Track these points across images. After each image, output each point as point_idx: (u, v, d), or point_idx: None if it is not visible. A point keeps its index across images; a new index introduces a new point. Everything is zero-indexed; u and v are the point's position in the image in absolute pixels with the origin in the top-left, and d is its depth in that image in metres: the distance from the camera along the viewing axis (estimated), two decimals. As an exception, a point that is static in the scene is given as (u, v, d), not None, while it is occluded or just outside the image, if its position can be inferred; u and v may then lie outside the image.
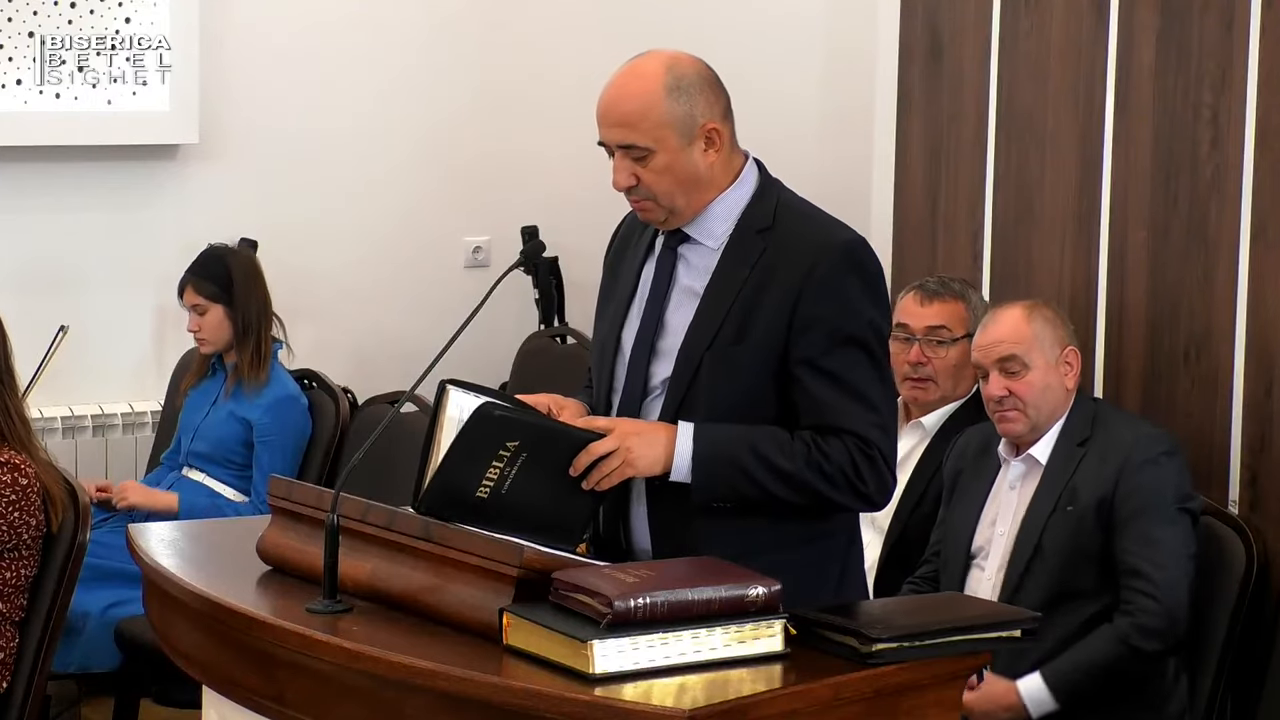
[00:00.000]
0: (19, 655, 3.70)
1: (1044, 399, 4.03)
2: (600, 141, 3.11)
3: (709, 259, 3.12)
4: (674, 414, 3.08)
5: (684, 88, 3.05)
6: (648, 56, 3.11)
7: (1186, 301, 4.32)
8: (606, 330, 3.24)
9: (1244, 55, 4.19)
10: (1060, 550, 3.92)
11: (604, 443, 2.99)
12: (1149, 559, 3.86)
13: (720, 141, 3.09)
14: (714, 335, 3.07)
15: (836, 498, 3.05)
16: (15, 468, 3.62)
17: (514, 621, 2.74)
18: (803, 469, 3.02)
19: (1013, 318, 4.08)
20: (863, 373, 3.05)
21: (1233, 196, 4.23)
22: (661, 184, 3.07)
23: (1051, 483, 3.99)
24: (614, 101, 3.08)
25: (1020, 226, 4.76)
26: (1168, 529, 3.88)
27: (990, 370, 4.05)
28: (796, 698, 2.66)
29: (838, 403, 3.04)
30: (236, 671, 2.99)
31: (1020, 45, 4.76)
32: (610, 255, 3.33)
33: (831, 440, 3.03)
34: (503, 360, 5.87)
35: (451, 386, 3.04)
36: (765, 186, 3.15)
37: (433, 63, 5.92)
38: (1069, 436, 4.02)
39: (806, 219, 3.13)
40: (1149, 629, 3.84)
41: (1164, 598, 3.84)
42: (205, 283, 5.23)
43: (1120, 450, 3.94)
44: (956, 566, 4.11)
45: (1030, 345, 4.04)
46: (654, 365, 3.14)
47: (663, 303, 3.15)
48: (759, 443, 3.03)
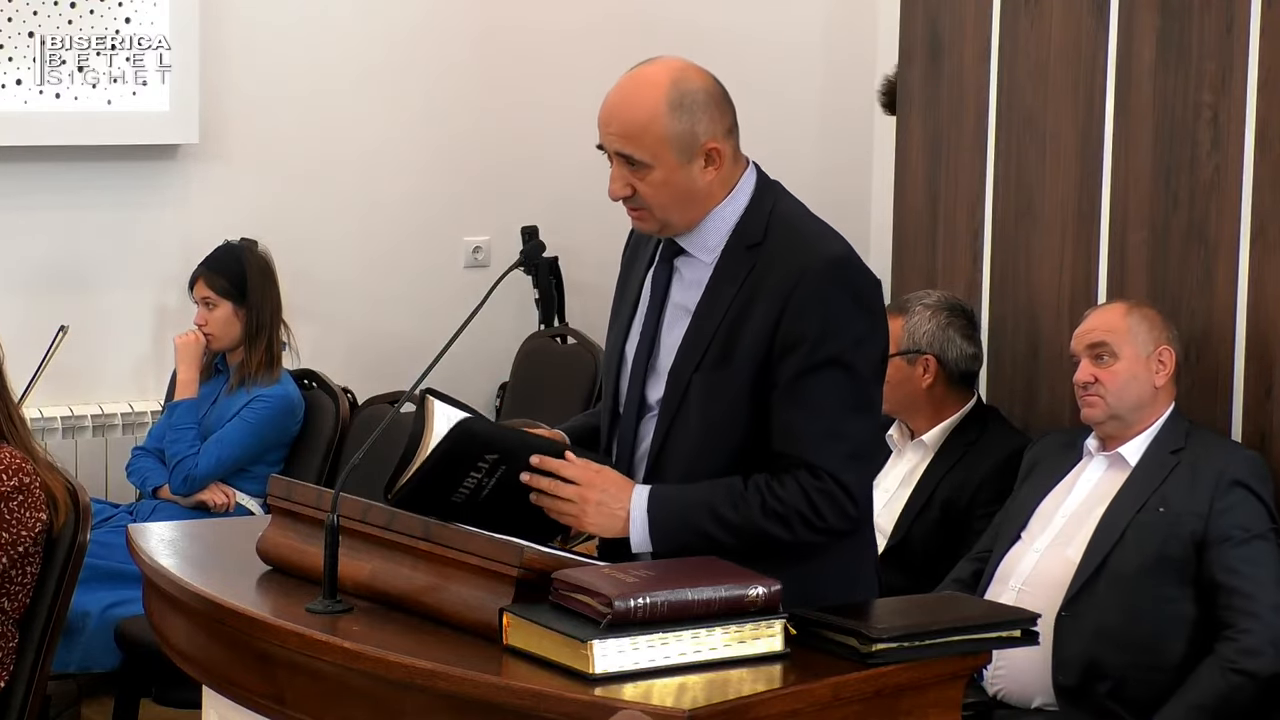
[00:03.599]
0: (19, 654, 3.70)
1: (1128, 389, 4.05)
2: (599, 145, 3.09)
3: (702, 273, 3.10)
4: (665, 434, 3.08)
5: (687, 105, 3.01)
6: (656, 65, 3.07)
7: (1186, 301, 4.32)
8: (613, 342, 3.24)
9: (1244, 55, 4.19)
10: (1144, 549, 3.92)
11: (574, 467, 2.98)
12: (1249, 579, 3.86)
13: (721, 160, 3.05)
14: (701, 357, 3.05)
15: (797, 539, 3.01)
16: (18, 468, 3.62)
17: (514, 621, 2.74)
18: (758, 520, 2.98)
19: (1113, 310, 4.16)
20: (837, 397, 3.00)
21: (1233, 196, 4.22)
22: (657, 198, 3.04)
23: (1141, 483, 4.00)
24: (616, 109, 3.04)
25: (1020, 226, 4.76)
26: (1262, 552, 3.89)
27: (1081, 356, 4.11)
28: (796, 698, 2.66)
29: (803, 433, 3.00)
30: (236, 671, 2.99)
31: (1020, 45, 4.75)
32: (624, 263, 3.32)
33: (787, 481, 2.99)
34: (503, 360, 5.87)
35: (433, 398, 3.05)
36: (760, 195, 3.11)
37: (432, 63, 5.92)
38: (1162, 443, 4.05)
39: (796, 233, 3.08)
40: (1254, 650, 3.82)
41: (1265, 615, 3.83)
42: (218, 277, 5.23)
43: (1215, 467, 3.95)
44: (1006, 540, 4.14)
45: (1122, 336, 4.08)
46: (649, 385, 3.13)
47: (658, 319, 3.14)
48: (713, 500, 3.00)
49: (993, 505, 4.34)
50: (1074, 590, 3.95)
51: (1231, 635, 3.84)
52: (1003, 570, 4.11)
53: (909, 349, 4.53)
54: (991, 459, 4.44)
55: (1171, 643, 3.90)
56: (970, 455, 4.48)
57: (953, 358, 4.54)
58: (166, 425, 5.25)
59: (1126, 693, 3.91)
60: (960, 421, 4.54)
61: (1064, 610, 3.93)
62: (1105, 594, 3.93)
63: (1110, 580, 3.94)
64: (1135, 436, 4.08)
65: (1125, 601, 3.92)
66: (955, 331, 4.55)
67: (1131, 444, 4.07)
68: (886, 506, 4.51)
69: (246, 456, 5.17)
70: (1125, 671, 3.90)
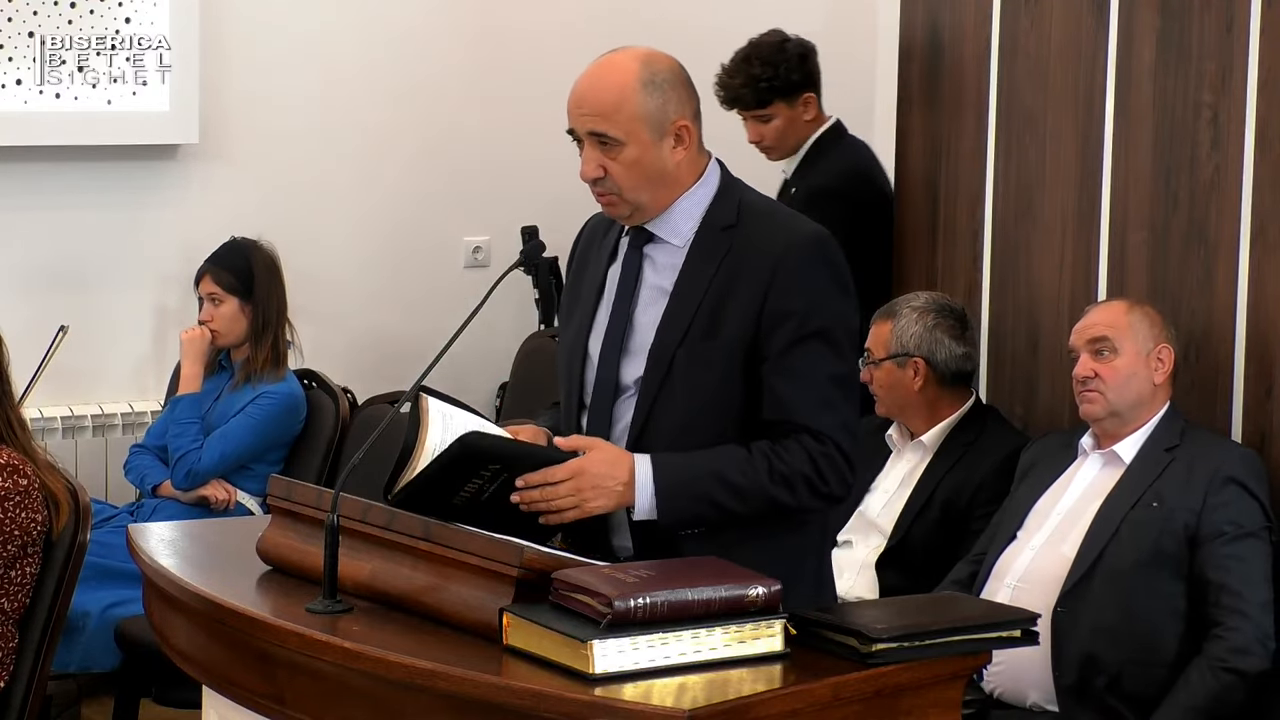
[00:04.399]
0: (19, 654, 3.70)
1: (1128, 386, 4.06)
2: (569, 129, 3.13)
3: (675, 257, 3.14)
4: (647, 412, 3.10)
5: (659, 84, 3.08)
6: (623, 51, 3.15)
7: (1186, 301, 4.32)
8: (573, 336, 3.25)
9: (1244, 55, 4.19)
10: (1139, 545, 3.93)
11: (560, 469, 2.97)
12: (1238, 576, 3.85)
13: (690, 140, 3.12)
14: (685, 331, 3.09)
15: (800, 503, 3.07)
16: (15, 469, 3.63)
17: (514, 621, 2.74)
18: (765, 484, 3.03)
19: (1114, 307, 4.17)
20: (826, 368, 3.07)
21: (1233, 196, 4.22)
22: (629, 178, 3.09)
23: (1135, 480, 4.01)
24: (588, 90, 3.10)
25: (1020, 226, 4.76)
26: (1254, 549, 3.89)
27: (1081, 351, 4.11)
28: (796, 698, 2.66)
29: (799, 400, 3.05)
30: (236, 671, 2.99)
31: (1020, 45, 4.76)
32: (573, 264, 3.35)
33: (790, 445, 3.05)
34: (503, 360, 5.87)
35: (427, 396, 3.05)
36: (727, 185, 3.17)
37: (433, 62, 5.92)
38: (1157, 441, 4.05)
39: (770, 215, 3.17)
40: (1242, 648, 3.82)
41: (1253, 614, 3.83)
42: (225, 273, 5.23)
43: (1210, 463, 3.96)
44: (1001, 540, 4.15)
45: (1123, 332, 4.08)
46: (625, 365, 3.15)
47: (630, 302, 3.16)
48: (719, 466, 3.03)
49: (992, 506, 4.35)
50: (1069, 586, 3.96)
51: (1220, 634, 3.84)
52: (999, 568, 4.12)
53: (898, 353, 4.54)
54: (991, 459, 4.45)
55: (1167, 638, 3.90)
56: (970, 455, 4.49)
57: (942, 359, 4.55)
58: (169, 420, 5.25)
59: (1124, 688, 3.91)
60: (959, 421, 4.55)
61: (1060, 606, 3.94)
62: (1101, 590, 3.93)
63: (1105, 576, 3.94)
64: (1130, 434, 4.08)
65: (1120, 597, 3.92)
66: (943, 333, 4.56)
67: (1126, 441, 4.08)
68: (886, 506, 4.52)
69: (250, 453, 5.17)
70: (1122, 667, 3.91)
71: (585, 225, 3.38)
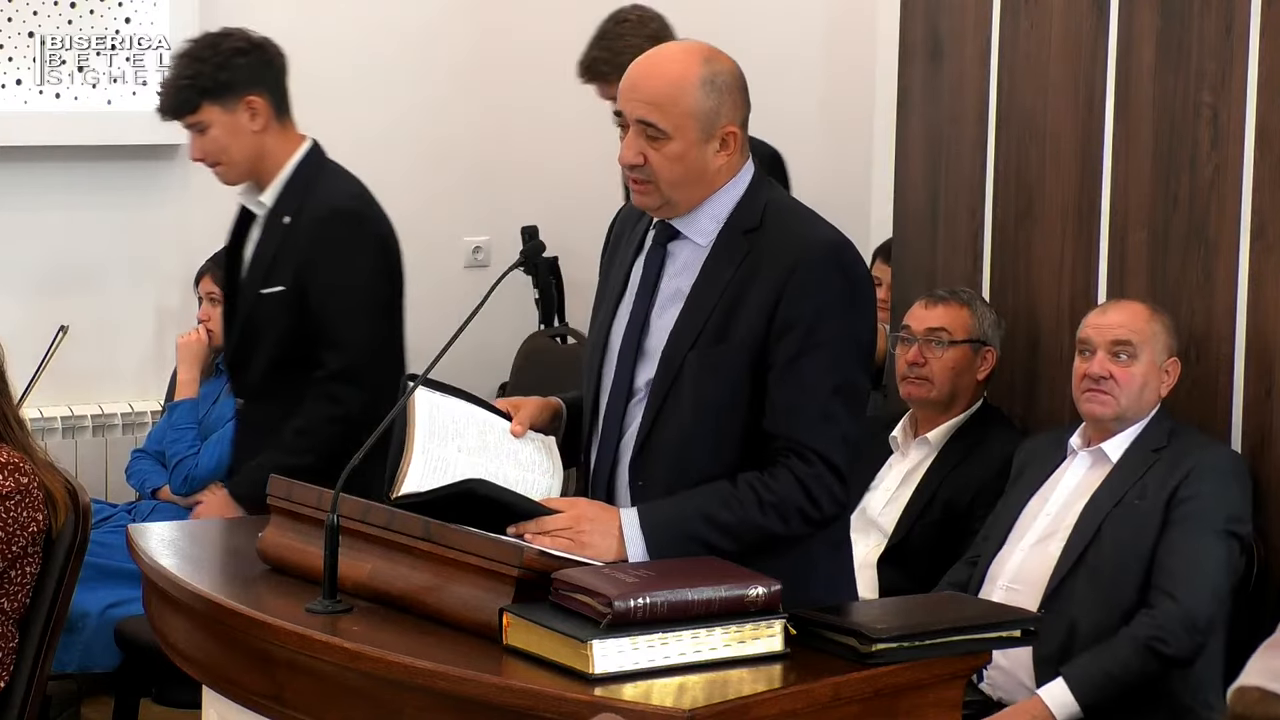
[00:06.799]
0: (19, 654, 3.70)
1: (1140, 394, 4.07)
2: (617, 111, 3.09)
3: (696, 256, 3.11)
4: (654, 416, 3.08)
5: (718, 85, 3.05)
6: (688, 43, 3.13)
7: (1186, 301, 4.32)
8: (597, 330, 3.24)
9: (1244, 55, 4.19)
10: (1120, 542, 3.93)
11: (555, 519, 2.95)
12: (1183, 560, 3.86)
13: (734, 146, 3.08)
14: (697, 336, 3.06)
15: (793, 532, 3.02)
16: (16, 468, 3.62)
17: (514, 621, 2.74)
18: (755, 516, 2.99)
19: (1137, 308, 4.15)
20: (829, 380, 3.02)
21: (1233, 196, 4.22)
22: (668, 171, 3.05)
23: (1120, 479, 4.02)
24: (646, 76, 3.06)
25: (1020, 226, 4.76)
26: (1209, 541, 3.89)
27: (1099, 349, 4.09)
28: (796, 698, 2.66)
29: (797, 413, 3.01)
30: (236, 671, 2.99)
31: (1020, 45, 4.75)
32: (605, 256, 3.33)
33: (778, 473, 3.00)
34: (503, 360, 5.87)
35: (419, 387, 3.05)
36: (757, 186, 3.13)
37: (433, 63, 5.92)
38: (1145, 442, 4.06)
39: (793, 219, 3.12)
40: (1164, 630, 3.83)
41: (1184, 600, 3.83)
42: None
43: (1193, 459, 3.97)
44: (995, 543, 4.15)
45: (1146, 339, 4.09)
46: (639, 367, 3.13)
47: (649, 302, 3.14)
48: (706, 506, 2.99)
49: (993, 507, 4.34)
50: (1053, 586, 3.96)
51: (1147, 613, 3.86)
52: (993, 570, 4.12)
53: (978, 338, 4.53)
54: (993, 461, 4.44)
55: None
56: (973, 456, 4.48)
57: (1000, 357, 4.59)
58: (167, 425, 5.24)
59: None
60: (965, 421, 4.54)
61: (1043, 607, 3.93)
62: (1083, 589, 3.93)
63: (1087, 575, 3.94)
64: (1120, 433, 4.08)
65: (1101, 595, 3.92)
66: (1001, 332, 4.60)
67: (1114, 440, 4.08)
68: (887, 506, 4.51)
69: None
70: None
71: (617, 215, 3.35)
